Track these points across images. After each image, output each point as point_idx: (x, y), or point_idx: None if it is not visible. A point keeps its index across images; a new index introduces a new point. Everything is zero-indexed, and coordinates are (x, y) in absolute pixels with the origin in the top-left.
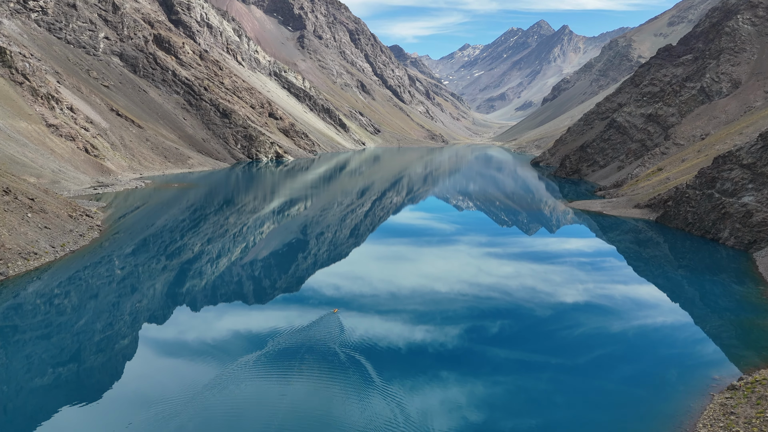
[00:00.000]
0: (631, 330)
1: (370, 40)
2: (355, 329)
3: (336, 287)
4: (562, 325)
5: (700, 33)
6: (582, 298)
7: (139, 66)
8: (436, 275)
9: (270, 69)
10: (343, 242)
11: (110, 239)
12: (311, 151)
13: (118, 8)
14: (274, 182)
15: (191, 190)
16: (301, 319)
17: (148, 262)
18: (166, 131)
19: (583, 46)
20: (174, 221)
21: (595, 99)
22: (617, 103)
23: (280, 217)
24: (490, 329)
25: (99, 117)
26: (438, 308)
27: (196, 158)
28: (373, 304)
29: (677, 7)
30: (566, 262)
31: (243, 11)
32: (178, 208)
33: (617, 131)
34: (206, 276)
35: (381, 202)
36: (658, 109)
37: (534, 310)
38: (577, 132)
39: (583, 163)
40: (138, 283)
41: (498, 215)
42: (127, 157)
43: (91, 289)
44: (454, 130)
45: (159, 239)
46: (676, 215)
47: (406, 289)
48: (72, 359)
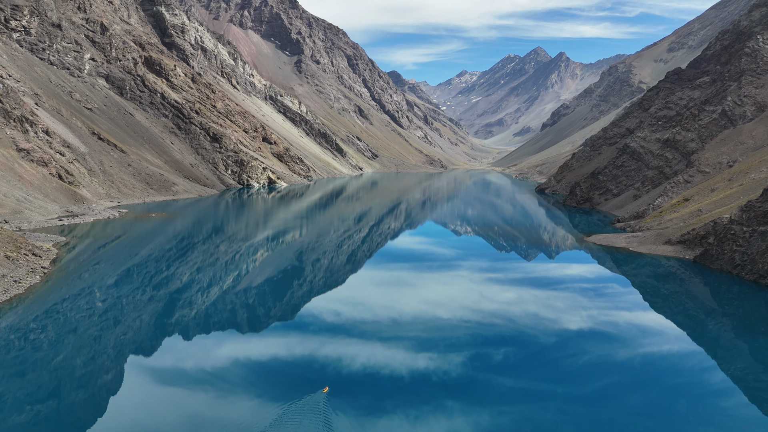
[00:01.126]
0: (647, 360)
1: (368, 66)
2: (356, 357)
3: (336, 313)
4: (570, 353)
5: (712, 56)
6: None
7: (126, 88)
8: (438, 301)
9: (266, 93)
10: (343, 268)
11: (52, 287)
12: (306, 176)
13: (106, 29)
14: (265, 210)
15: (170, 221)
16: (301, 347)
17: (89, 322)
18: (152, 156)
19: (580, 72)
20: (139, 263)
21: (596, 124)
22: (626, 128)
23: (270, 250)
24: (495, 357)
25: (78, 141)
26: (441, 335)
27: (181, 185)
28: (374, 330)
29: (676, 34)
30: (602, 316)
31: (240, 36)
32: (148, 245)
33: (631, 157)
34: (168, 350)
35: (380, 228)
36: (676, 134)
37: (538, 337)
38: (584, 158)
39: (595, 191)
40: (71, 354)
41: (508, 251)
42: (106, 183)
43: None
44: (453, 155)
45: (114, 289)
46: (720, 255)
47: (407, 315)
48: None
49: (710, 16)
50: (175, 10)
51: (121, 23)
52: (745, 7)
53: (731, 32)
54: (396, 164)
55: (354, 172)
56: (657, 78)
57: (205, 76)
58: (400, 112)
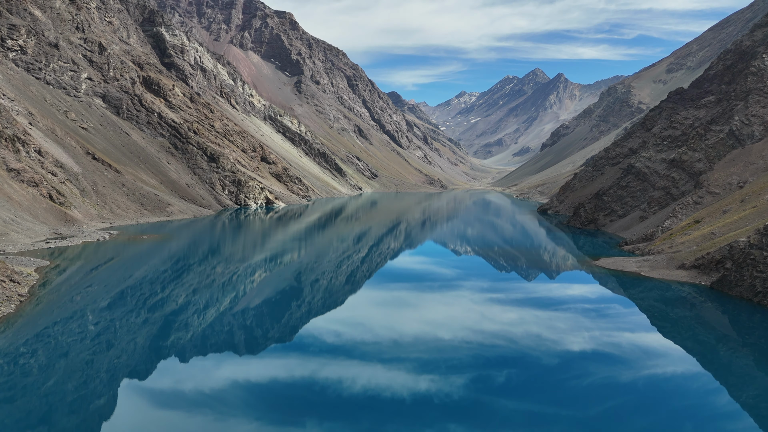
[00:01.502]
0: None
1: (368, 86)
2: (357, 379)
3: (336, 334)
4: (574, 374)
5: (714, 75)
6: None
7: (123, 108)
8: (440, 322)
9: (265, 113)
10: (342, 288)
11: (27, 316)
12: (305, 196)
13: (104, 49)
14: (262, 230)
15: (163, 243)
16: (301, 368)
17: (67, 356)
18: (147, 176)
19: (579, 93)
20: (126, 289)
21: (596, 144)
22: (629, 148)
23: (267, 271)
24: (497, 378)
25: (71, 161)
26: (442, 356)
27: (177, 205)
28: (375, 351)
29: (674, 55)
30: (613, 340)
31: (240, 56)
32: (137, 270)
33: (636, 178)
34: (164, 374)
35: (380, 249)
36: (683, 154)
37: (541, 359)
38: (587, 178)
39: (600, 212)
40: (45, 393)
41: (511, 272)
42: (98, 204)
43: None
44: (453, 175)
45: (96, 319)
46: (739, 281)
47: (408, 336)
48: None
49: (708, 37)
50: (175, 30)
51: (120, 43)
52: (742, 29)
53: (733, 52)
54: (396, 184)
55: (353, 192)
56: (656, 98)
57: (204, 96)
58: (400, 132)
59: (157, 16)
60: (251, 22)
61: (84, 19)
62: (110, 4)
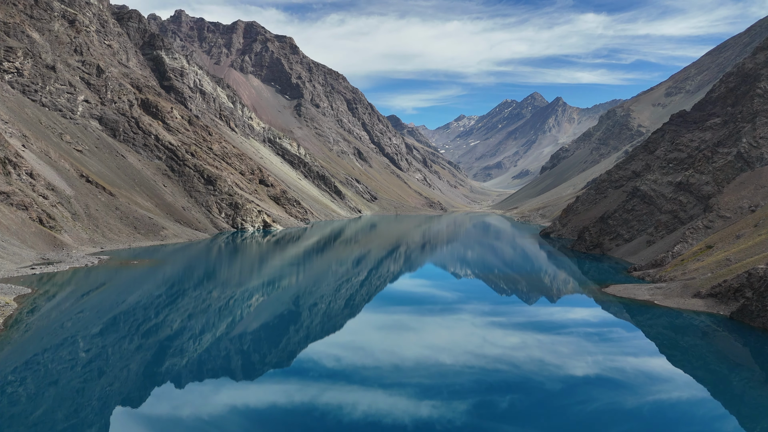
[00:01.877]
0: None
1: (367, 109)
2: (357, 404)
3: (336, 358)
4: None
5: (717, 98)
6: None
7: (120, 130)
8: (441, 346)
9: (264, 135)
10: (342, 312)
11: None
12: (303, 219)
13: (102, 72)
14: (260, 254)
15: (153, 269)
16: (301, 394)
17: (40, 397)
18: (142, 199)
19: (577, 116)
20: (107, 321)
21: (596, 167)
22: (632, 171)
23: (264, 295)
24: (500, 404)
25: (64, 183)
26: (444, 381)
27: (171, 229)
28: (375, 376)
29: (673, 79)
30: (644, 389)
31: (241, 80)
32: (122, 299)
33: (642, 201)
34: (162, 400)
35: (381, 276)
36: (690, 177)
37: (543, 384)
38: (589, 201)
39: (605, 236)
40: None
41: (515, 299)
42: (90, 228)
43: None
44: (452, 197)
45: (73, 354)
46: (762, 311)
47: (409, 361)
48: None
49: (706, 62)
50: (174, 54)
51: (119, 66)
52: (741, 53)
53: (736, 75)
54: (395, 206)
55: (353, 215)
56: (656, 121)
57: (202, 119)
58: (400, 155)
59: (157, 39)
60: (252, 46)
61: (83, 42)
62: (110, 27)
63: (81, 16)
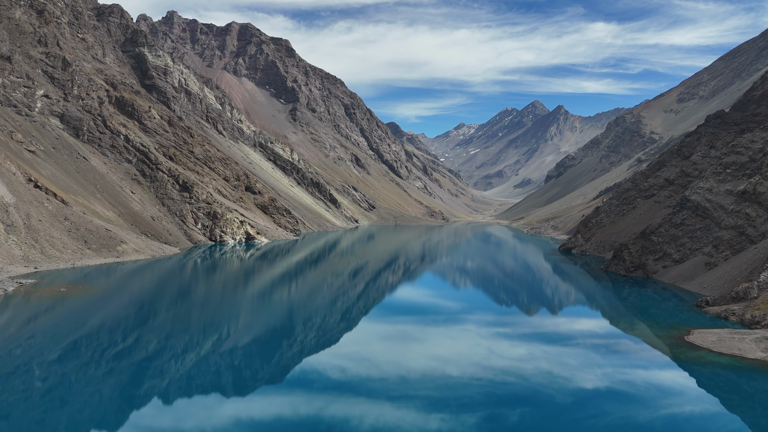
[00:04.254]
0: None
1: (366, 115)
2: (364, 417)
3: (341, 369)
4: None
5: (762, 96)
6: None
7: (84, 129)
8: (448, 358)
9: (255, 140)
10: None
11: None
12: (293, 230)
13: (69, 65)
14: (236, 276)
15: (87, 299)
16: (307, 406)
17: None
18: (102, 207)
19: (579, 125)
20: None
21: (607, 176)
22: (664, 179)
23: (249, 332)
24: (510, 417)
25: (5, 189)
26: (452, 394)
27: (132, 243)
28: (382, 388)
29: (684, 85)
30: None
31: (233, 83)
32: (16, 350)
33: (694, 214)
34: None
35: (382, 317)
36: (757, 185)
37: (554, 396)
38: (615, 213)
39: (649, 256)
40: None
41: (571, 363)
42: (26, 242)
43: None
44: (454, 206)
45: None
46: None
47: (416, 372)
48: None
49: (719, 67)
50: (158, 51)
51: (93, 61)
52: (756, 58)
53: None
54: (394, 216)
55: (348, 225)
56: (669, 128)
57: (187, 120)
58: (399, 162)
59: (140, 36)
60: (246, 48)
61: (50, 33)
62: (85, 20)
63: (51, 6)
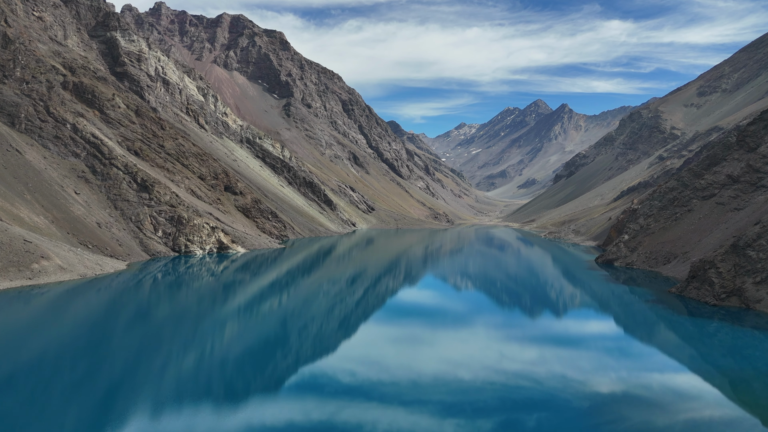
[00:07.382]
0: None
1: (364, 111)
2: (378, 423)
3: (352, 373)
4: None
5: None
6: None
7: (21, 117)
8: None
9: (242, 135)
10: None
11: None
12: (280, 236)
13: (10, 42)
14: (187, 305)
15: None
16: (319, 411)
17: None
18: (31, 212)
19: (584, 124)
20: None
21: (625, 174)
22: (726, 175)
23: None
24: (527, 422)
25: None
26: (466, 398)
27: (58, 258)
28: (394, 393)
29: (704, 78)
30: None
31: (224, 77)
32: None
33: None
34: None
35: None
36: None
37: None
38: (664, 217)
39: (746, 277)
40: None
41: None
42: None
43: None
44: (457, 208)
45: None
46: None
47: (428, 376)
48: None
49: (742, 58)
50: (132, 36)
51: (50, 42)
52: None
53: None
54: (395, 219)
55: (345, 229)
56: (691, 123)
57: (163, 113)
58: (400, 161)
59: (112, 19)
60: (237, 41)
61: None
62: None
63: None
